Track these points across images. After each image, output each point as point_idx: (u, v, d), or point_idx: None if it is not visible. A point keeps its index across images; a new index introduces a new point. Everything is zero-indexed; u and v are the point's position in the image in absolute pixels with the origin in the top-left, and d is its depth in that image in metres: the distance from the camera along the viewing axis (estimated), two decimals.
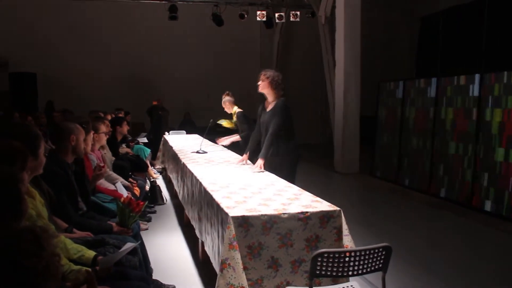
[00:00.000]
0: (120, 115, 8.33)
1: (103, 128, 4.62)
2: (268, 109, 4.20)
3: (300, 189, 3.24)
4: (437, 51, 10.62)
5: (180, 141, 6.93)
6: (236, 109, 5.86)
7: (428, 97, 7.01)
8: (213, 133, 6.40)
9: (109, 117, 6.68)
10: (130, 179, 4.90)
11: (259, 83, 4.16)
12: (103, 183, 4.06)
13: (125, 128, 6.51)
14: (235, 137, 5.88)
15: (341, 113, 8.89)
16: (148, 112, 10.83)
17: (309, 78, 13.67)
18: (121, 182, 4.39)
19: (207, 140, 6.30)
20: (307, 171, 8.35)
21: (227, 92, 5.99)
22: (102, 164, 3.85)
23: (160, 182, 7.16)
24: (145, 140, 9.14)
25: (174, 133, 8.70)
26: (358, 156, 8.97)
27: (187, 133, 8.77)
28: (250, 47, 14.08)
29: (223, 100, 5.89)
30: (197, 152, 5.37)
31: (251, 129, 5.50)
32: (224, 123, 6.18)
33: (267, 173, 3.90)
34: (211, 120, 5.93)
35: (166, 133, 8.52)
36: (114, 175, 4.54)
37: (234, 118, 5.92)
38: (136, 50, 13.05)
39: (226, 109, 5.95)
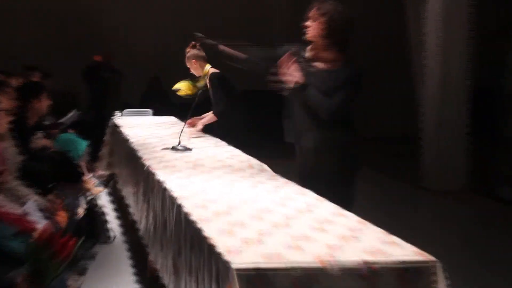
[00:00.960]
0: (35, 78, 8.36)
1: (4, 101, 4.63)
2: (320, 69, 4.15)
3: (360, 220, 3.22)
4: None
5: (143, 128, 6.99)
6: (208, 68, 6.39)
7: None
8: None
9: (15, 82, 6.71)
10: (50, 196, 4.92)
11: (307, 24, 4.13)
12: (2, 202, 4.06)
13: (44, 103, 6.52)
14: (209, 116, 6.42)
15: (435, 88, 8.92)
16: (84, 74, 10.90)
17: (378, 32, 13.63)
18: (34, 201, 4.42)
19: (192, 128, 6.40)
20: (374, 186, 8.29)
21: (193, 43, 6.48)
22: (0, 168, 3.85)
23: (105, 201, 7.22)
24: (78, 122, 9.13)
25: (132, 113, 8.74)
26: (465, 162, 8.95)
27: (155, 114, 8.86)
28: None
29: (187, 55, 6.47)
30: (174, 148, 5.39)
31: (228, 102, 6.27)
32: (183, 87, 6.64)
33: (301, 189, 3.88)
34: (200, 90, 5.96)
35: (117, 112, 8.52)
36: (22, 187, 4.57)
37: (202, 83, 6.44)
38: None
39: (192, 70, 6.55)
